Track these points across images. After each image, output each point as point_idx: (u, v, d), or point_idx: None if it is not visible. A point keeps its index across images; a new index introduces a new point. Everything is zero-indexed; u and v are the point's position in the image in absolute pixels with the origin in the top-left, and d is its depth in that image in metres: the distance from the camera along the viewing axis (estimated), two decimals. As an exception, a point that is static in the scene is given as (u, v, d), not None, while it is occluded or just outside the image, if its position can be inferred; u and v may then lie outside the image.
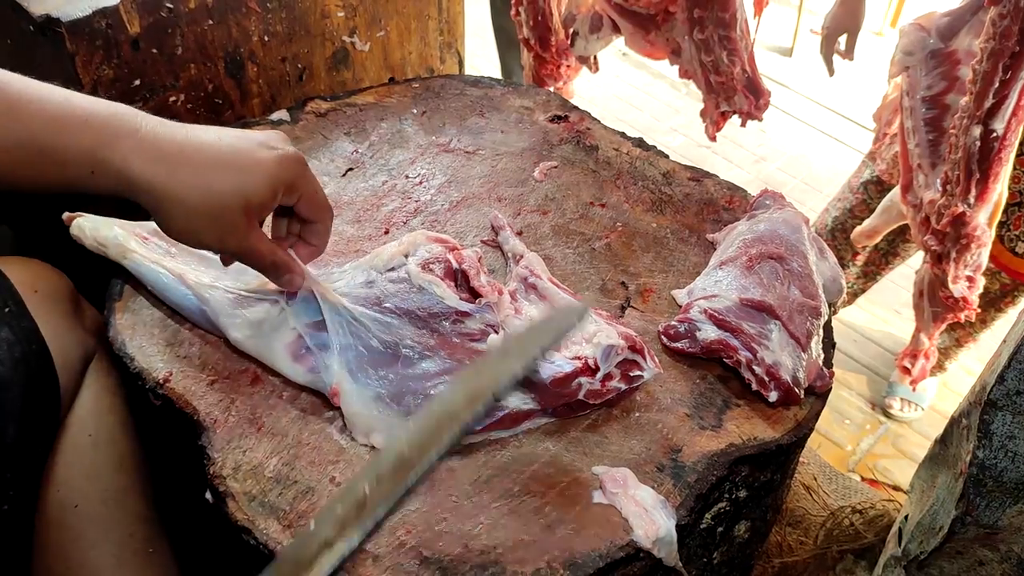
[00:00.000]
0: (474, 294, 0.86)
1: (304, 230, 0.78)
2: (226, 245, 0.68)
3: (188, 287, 0.84)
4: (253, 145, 0.66)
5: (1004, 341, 0.87)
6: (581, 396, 0.79)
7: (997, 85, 1.12)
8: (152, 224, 0.90)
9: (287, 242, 0.79)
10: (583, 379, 0.79)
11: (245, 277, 0.85)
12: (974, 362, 2.18)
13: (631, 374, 0.82)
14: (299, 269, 0.77)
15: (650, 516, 0.73)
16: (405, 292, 0.83)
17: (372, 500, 0.59)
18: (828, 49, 1.62)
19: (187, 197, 0.62)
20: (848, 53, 1.62)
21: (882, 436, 2.05)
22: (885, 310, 2.38)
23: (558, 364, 0.79)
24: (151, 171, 0.61)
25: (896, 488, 1.74)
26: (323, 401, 0.81)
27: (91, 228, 0.87)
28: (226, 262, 0.77)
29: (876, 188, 1.76)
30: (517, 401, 0.79)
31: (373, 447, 0.78)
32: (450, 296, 0.84)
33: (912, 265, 1.90)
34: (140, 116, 0.63)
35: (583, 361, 0.79)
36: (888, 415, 2.09)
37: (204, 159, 0.63)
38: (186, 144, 0.63)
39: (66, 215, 0.87)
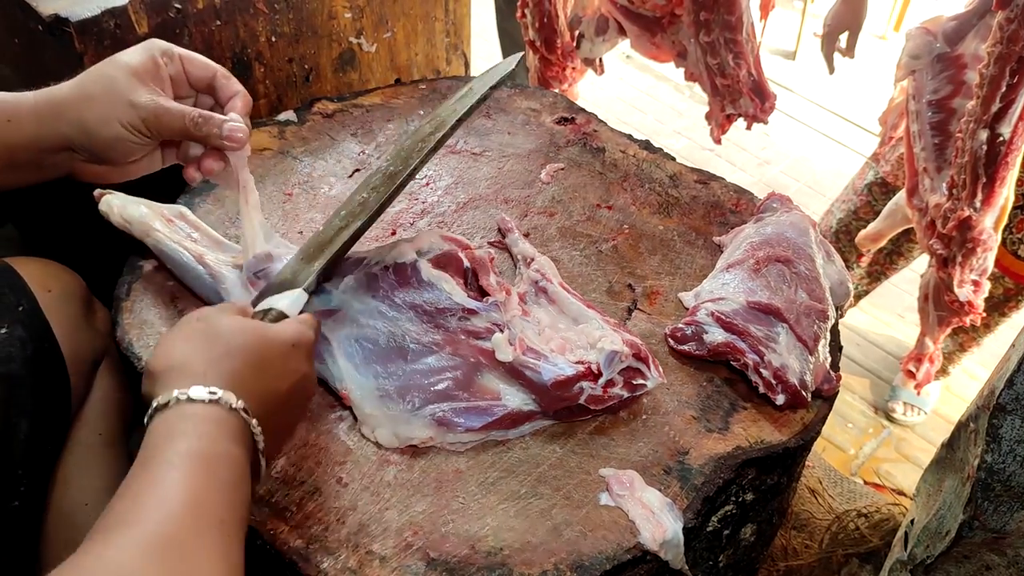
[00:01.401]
0: (483, 294, 0.86)
1: (215, 90, 0.81)
2: (140, 105, 0.73)
3: (205, 266, 0.86)
4: None
5: (1013, 345, 0.86)
6: (582, 401, 0.79)
7: (1004, 89, 1.12)
8: (178, 207, 0.93)
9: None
10: (585, 384, 0.79)
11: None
12: (977, 366, 2.18)
13: (634, 382, 0.81)
14: (229, 120, 0.78)
15: (657, 519, 0.73)
16: (414, 287, 0.83)
17: (368, 204, 0.82)
18: (829, 47, 1.62)
19: (91, 92, 0.74)
20: (849, 51, 1.61)
21: (885, 440, 2.05)
22: (888, 314, 2.38)
23: (560, 367, 0.78)
24: (62, 93, 0.73)
25: (900, 492, 1.73)
26: (330, 401, 0.81)
27: (119, 205, 0.88)
28: (190, 176, 0.80)
29: (880, 190, 1.76)
30: (518, 402, 0.79)
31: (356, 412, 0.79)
32: (458, 293, 0.84)
33: (916, 269, 1.90)
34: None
35: (586, 366, 0.79)
36: (891, 419, 2.09)
37: (93, 69, 0.75)
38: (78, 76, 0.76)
39: (97, 191, 0.88)
